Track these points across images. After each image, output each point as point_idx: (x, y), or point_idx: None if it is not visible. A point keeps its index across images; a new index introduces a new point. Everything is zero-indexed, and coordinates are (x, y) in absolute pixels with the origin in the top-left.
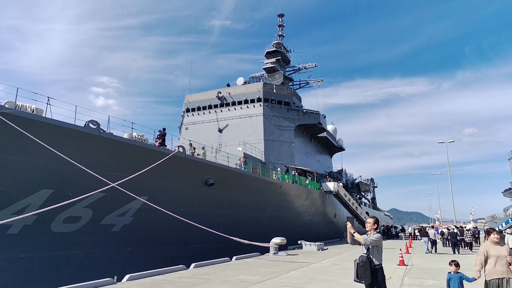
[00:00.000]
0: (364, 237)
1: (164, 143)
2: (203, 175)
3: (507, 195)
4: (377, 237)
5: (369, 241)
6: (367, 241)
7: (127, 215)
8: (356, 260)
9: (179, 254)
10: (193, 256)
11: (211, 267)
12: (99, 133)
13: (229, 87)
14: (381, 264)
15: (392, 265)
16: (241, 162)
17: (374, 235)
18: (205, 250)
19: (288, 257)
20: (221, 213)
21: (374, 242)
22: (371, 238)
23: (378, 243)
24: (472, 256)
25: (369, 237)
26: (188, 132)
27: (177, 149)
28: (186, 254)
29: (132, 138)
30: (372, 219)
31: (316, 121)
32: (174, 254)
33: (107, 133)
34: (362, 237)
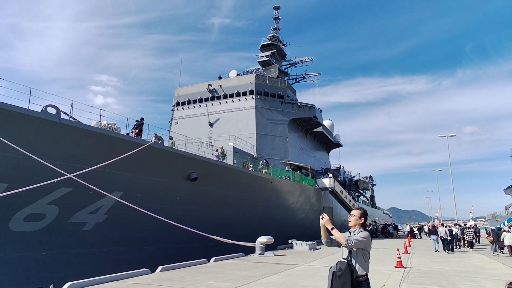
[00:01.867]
0: (346, 235)
1: (141, 133)
2: (185, 169)
3: (509, 192)
4: (364, 236)
5: (352, 241)
6: (349, 242)
7: (100, 213)
8: (331, 268)
9: (161, 255)
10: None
11: (181, 271)
12: (60, 119)
13: (220, 80)
14: (367, 274)
15: (389, 267)
16: (218, 154)
17: (360, 234)
18: (189, 250)
19: (274, 258)
20: (206, 210)
21: (359, 243)
22: (355, 238)
23: (365, 244)
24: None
25: (353, 236)
26: (178, 127)
27: (154, 140)
28: (168, 255)
29: (101, 126)
30: (358, 211)
31: (311, 115)
32: (155, 255)
33: (70, 120)
34: (343, 236)
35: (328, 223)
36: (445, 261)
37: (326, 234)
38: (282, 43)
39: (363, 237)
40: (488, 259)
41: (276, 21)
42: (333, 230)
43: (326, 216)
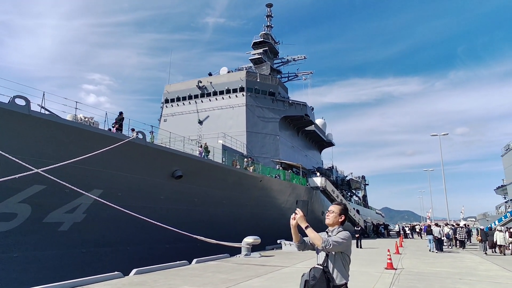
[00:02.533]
0: (322, 236)
1: (122, 129)
2: (169, 166)
3: (500, 192)
4: (344, 237)
5: (330, 243)
6: (327, 244)
7: (78, 212)
8: (304, 275)
9: (145, 256)
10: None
11: (156, 274)
12: (29, 111)
13: (210, 76)
14: (346, 283)
15: (379, 269)
16: (202, 150)
17: (340, 234)
18: (174, 250)
19: (261, 259)
20: (193, 209)
21: (338, 245)
22: (333, 239)
23: (345, 247)
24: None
25: (331, 237)
26: (166, 124)
27: (135, 135)
28: (152, 256)
29: (77, 120)
30: (338, 207)
31: (303, 113)
32: (138, 256)
33: (42, 113)
34: (320, 236)
35: (302, 221)
36: (437, 262)
37: (298, 235)
38: (274, 41)
39: (343, 238)
40: (481, 259)
41: (268, 19)
42: (307, 230)
43: (299, 212)
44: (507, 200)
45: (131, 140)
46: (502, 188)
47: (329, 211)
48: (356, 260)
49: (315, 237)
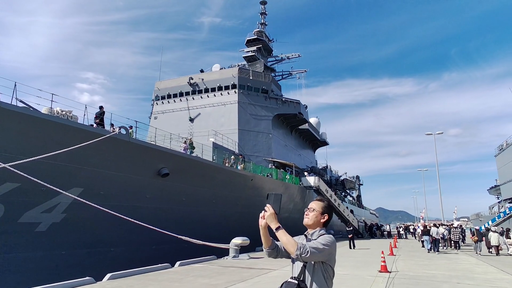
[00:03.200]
0: (298, 240)
1: (102, 123)
2: (155, 163)
3: (493, 192)
4: (327, 242)
5: (307, 250)
6: (303, 251)
7: (56, 211)
8: None
9: (129, 258)
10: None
11: (132, 279)
12: None
13: (202, 73)
14: None
15: (372, 271)
16: (186, 146)
17: (322, 238)
18: (161, 252)
19: (249, 262)
20: (180, 209)
21: (318, 252)
22: (312, 245)
23: (326, 255)
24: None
25: (310, 242)
26: (157, 122)
27: (117, 130)
28: (138, 258)
29: (54, 114)
30: (319, 204)
31: (297, 111)
32: (123, 258)
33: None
34: (294, 241)
35: (272, 220)
36: (432, 264)
37: (270, 238)
38: (268, 38)
39: (325, 244)
40: (477, 261)
41: (262, 17)
42: (278, 232)
43: (269, 209)
44: (500, 200)
45: (113, 136)
46: (496, 188)
47: (308, 208)
48: (349, 262)
49: (287, 242)
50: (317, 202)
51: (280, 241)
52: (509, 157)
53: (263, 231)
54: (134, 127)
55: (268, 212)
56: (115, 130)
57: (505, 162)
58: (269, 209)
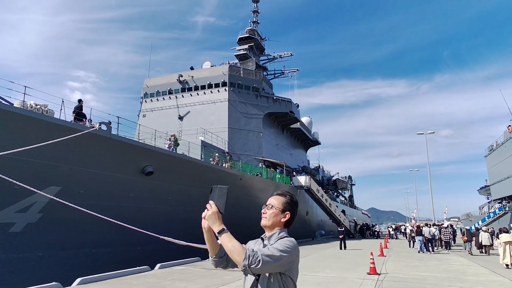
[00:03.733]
0: (248, 246)
1: (81, 118)
2: (139, 161)
3: (483, 192)
4: (285, 247)
5: (257, 259)
6: (252, 260)
7: (32, 211)
8: None
9: (112, 260)
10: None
11: (105, 283)
12: None
13: (192, 70)
14: None
15: (361, 274)
16: (171, 142)
17: (279, 243)
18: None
19: None
20: (167, 208)
21: (273, 262)
22: (265, 253)
23: (285, 264)
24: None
25: (263, 249)
26: (145, 120)
27: (97, 126)
28: (121, 260)
29: (27, 107)
30: (280, 199)
31: (288, 110)
32: (105, 260)
33: None
34: (240, 248)
35: (215, 221)
36: (423, 265)
37: (216, 244)
38: (260, 37)
39: (283, 250)
40: (468, 261)
41: (255, 15)
42: (221, 236)
43: (212, 206)
44: (490, 200)
45: (93, 132)
46: (486, 188)
47: (266, 205)
48: (338, 264)
49: (233, 249)
50: (277, 197)
51: (225, 247)
52: (499, 157)
53: (207, 235)
54: (115, 123)
55: (210, 210)
56: (94, 126)
57: (495, 162)
58: (211, 206)
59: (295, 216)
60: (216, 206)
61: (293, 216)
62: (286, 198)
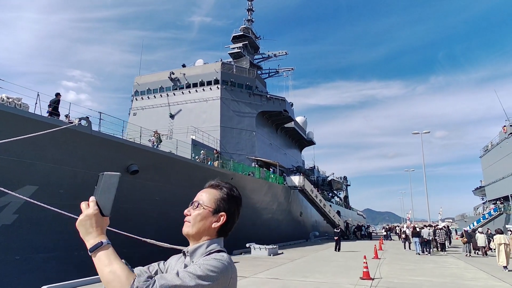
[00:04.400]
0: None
1: (57, 112)
2: (123, 159)
3: (478, 193)
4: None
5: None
6: None
7: (7, 212)
8: None
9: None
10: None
11: None
12: None
13: (184, 68)
14: None
15: (353, 279)
16: (154, 139)
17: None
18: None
19: None
20: (154, 209)
21: None
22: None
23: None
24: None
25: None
26: (136, 118)
27: (76, 122)
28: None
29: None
30: (211, 194)
31: (282, 108)
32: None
33: None
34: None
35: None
36: (419, 269)
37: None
38: (255, 35)
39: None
40: (465, 264)
41: (249, 13)
42: (97, 255)
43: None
44: (485, 201)
45: (72, 128)
46: (480, 189)
47: (193, 202)
48: (330, 267)
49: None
50: (209, 191)
51: (99, 274)
52: (494, 158)
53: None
54: (97, 119)
55: (84, 212)
56: (72, 122)
57: (490, 163)
58: (89, 207)
59: (236, 219)
60: (96, 206)
61: (232, 219)
62: (222, 192)
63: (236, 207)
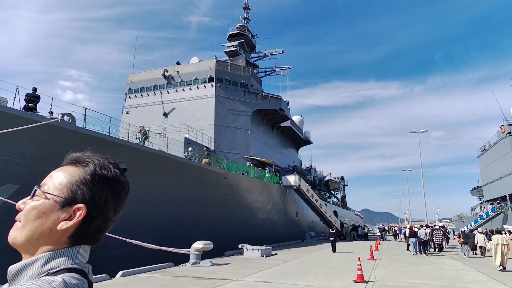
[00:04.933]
0: None
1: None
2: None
3: (475, 193)
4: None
5: None
6: None
7: None
8: None
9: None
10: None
11: None
12: None
13: (178, 65)
14: None
15: (346, 282)
16: (140, 135)
17: None
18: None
19: (209, 269)
20: (143, 209)
21: None
22: None
23: None
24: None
25: None
26: (129, 116)
27: (59, 117)
28: (94, 264)
29: None
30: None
31: (277, 107)
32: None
33: None
34: None
35: None
36: (415, 271)
37: None
38: (251, 34)
39: None
40: (464, 266)
41: (246, 11)
42: None
43: None
44: (482, 201)
45: (54, 124)
46: (478, 189)
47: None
48: (324, 269)
49: None
50: (63, 169)
51: None
52: (492, 158)
53: None
54: (82, 114)
55: None
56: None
57: (487, 163)
58: None
59: (113, 214)
60: None
61: (101, 215)
62: (84, 170)
63: (112, 195)
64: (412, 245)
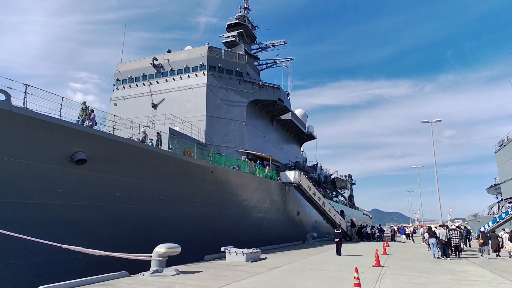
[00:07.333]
0: None
1: None
2: (65, 145)
3: (492, 191)
4: None
5: None
6: None
7: None
8: None
9: (40, 272)
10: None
11: None
12: None
13: (168, 53)
14: None
15: None
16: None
17: None
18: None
19: (167, 280)
20: (114, 207)
21: None
22: None
23: None
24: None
25: None
26: (117, 109)
27: None
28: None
29: None
30: None
31: (276, 97)
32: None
33: None
34: None
35: None
36: (431, 283)
37: None
38: (252, 24)
39: None
40: (492, 275)
41: (245, 0)
42: None
43: None
44: (500, 200)
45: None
46: (495, 187)
47: None
48: (314, 281)
49: None
50: None
51: None
52: (511, 153)
53: None
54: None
55: None
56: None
57: (506, 158)
58: None
59: None
60: None
61: None
62: None
63: None
64: (432, 247)
